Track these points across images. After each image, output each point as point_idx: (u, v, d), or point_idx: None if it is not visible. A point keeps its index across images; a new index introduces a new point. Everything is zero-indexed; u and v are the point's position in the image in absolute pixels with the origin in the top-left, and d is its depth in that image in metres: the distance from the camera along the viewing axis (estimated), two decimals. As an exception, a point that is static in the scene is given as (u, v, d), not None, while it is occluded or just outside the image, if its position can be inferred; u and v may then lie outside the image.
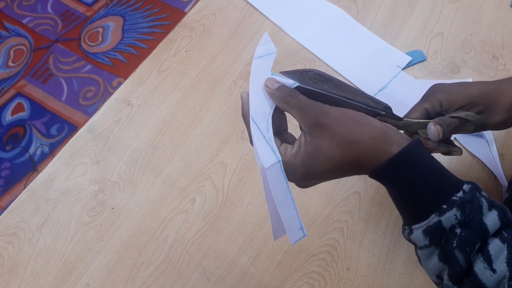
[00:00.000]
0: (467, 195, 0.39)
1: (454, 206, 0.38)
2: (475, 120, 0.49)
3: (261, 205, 0.67)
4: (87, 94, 1.71)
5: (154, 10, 1.90)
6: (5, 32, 1.87)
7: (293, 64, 0.78)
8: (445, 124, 0.50)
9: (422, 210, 0.40)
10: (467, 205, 0.38)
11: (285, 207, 0.43)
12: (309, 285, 0.61)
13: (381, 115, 0.47)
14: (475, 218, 0.38)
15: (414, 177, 0.39)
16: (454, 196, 0.39)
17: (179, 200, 0.68)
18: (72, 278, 0.63)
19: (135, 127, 0.74)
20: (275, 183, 0.42)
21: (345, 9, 0.83)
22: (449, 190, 0.39)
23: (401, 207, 0.42)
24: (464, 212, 0.38)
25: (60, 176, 0.70)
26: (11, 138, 1.64)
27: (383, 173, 0.41)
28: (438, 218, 0.38)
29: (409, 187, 0.40)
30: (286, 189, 0.42)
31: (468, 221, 0.38)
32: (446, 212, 0.38)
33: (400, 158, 0.40)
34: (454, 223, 0.38)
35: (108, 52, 1.80)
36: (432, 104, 0.51)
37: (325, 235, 0.64)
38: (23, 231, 0.66)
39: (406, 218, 0.42)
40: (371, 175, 0.42)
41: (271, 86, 0.43)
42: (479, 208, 0.38)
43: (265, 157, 0.41)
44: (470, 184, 0.40)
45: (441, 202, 0.39)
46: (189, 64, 0.79)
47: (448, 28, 0.81)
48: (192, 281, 0.62)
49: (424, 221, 0.39)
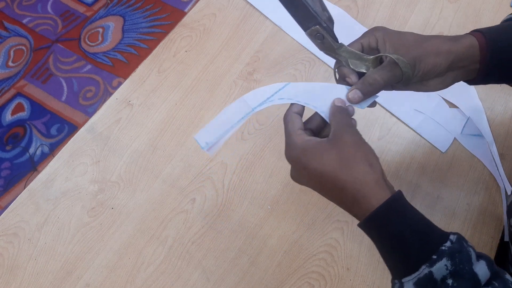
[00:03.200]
0: (455, 245, 0.38)
1: (444, 256, 0.37)
2: (402, 65, 0.47)
3: (261, 205, 0.67)
4: (87, 94, 1.71)
5: (154, 10, 1.89)
6: (5, 32, 1.87)
7: (293, 64, 0.78)
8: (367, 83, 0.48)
9: (411, 261, 0.39)
10: (456, 254, 0.38)
11: (221, 123, 0.49)
12: (309, 285, 0.61)
13: (322, 26, 0.48)
14: (466, 268, 0.37)
15: (403, 226, 0.39)
16: (443, 246, 0.38)
17: (179, 200, 0.68)
18: (72, 278, 0.63)
19: (135, 127, 0.74)
20: (235, 109, 0.48)
21: (345, 9, 0.83)
22: (437, 240, 0.39)
23: (390, 259, 0.42)
24: (455, 262, 0.37)
25: (60, 176, 0.70)
26: (11, 138, 1.64)
27: (374, 220, 0.41)
28: (429, 269, 0.37)
29: (398, 236, 0.39)
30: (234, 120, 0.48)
31: (459, 271, 0.37)
32: (437, 263, 0.37)
33: (388, 207, 0.40)
34: (445, 273, 0.37)
35: (108, 52, 1.80)
36: (369, 40, 0.51)
37: (325, 235, 0.64)
38: (23, 231, 0.66)
39: (396, 271, 0.41)
40: (362, 223, 0.42)
41: (336, 103, 0.49)
42: (469, 258, 0.38)
43: (253, 98, 0.49)
44: (456, 235, 0.39)
45: (430, 253, 0.38)
46: (189, 64, 0.79)
47: (448, 28, 0.81)
48: (192, 281, 0.62)
49: (415, 272, 0.38)
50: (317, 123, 0.49)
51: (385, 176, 0.44)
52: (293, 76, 0.77)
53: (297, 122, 0.47)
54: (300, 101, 0.49)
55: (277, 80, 0.77)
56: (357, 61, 0.50)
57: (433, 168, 0.69)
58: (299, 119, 0.48)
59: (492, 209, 0.65)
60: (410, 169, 0.69)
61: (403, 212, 0.40)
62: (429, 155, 0.70)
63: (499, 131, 0.71)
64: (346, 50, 0.50)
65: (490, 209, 0.65)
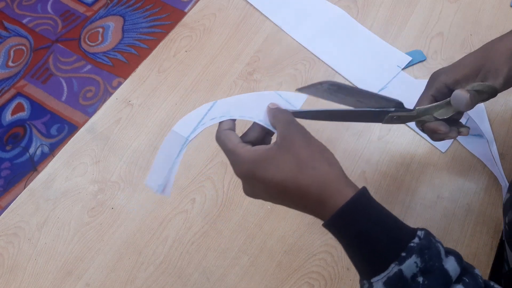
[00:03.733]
0: (423, 241, 0.37)
1: (413, 253, 0.36)
2: (483, 88, 0.48)
3: (261, 205, 0.67)
4: (87, 94, 1.71)
5: (154, 10, 1.90)
6: (5, 32, 1.87)
7: (293, 64, 0.78)
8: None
9: (380, 260, 0.37)
10: (425, 251, 0.36)
11: (162, 162, 0.47)
12: (309, 285, 0.61)
13: (392, 111, 0.48)
14: (436, 264, 0.36)
15: (370, 224, 0.38)
16: (412, 243, 0.37)
17: (179, 200, 0.68)
18: (72, 278, 0.63)
19: (135, 127, 0.74)
20: (169, 144, 0.47)
21: (345, 9, 0.83)
22: (405, 236, 0.38)
23: (357, 258, 0.40)
24: (424, 259, 0.36)
25: (60, 176, 0.70)
26: (11, 138, 1.64)
27: (341, 218, 0.39)
28: (398, 267, 0.36)
29: (365, 234, 0.38)
30: (174, 155, 0.47)
31: (429, 268, 0.36)
32: (406, 260, 0.36)
33: (354, 204, 0.39)
34: (415, 271, 0.36)
35: (108, 52, 1.80)
36: (437, 89, 0.51)
37: (325, 235, 0.64)
38: (23, 231, 0.66)
39: (364, 271, 0.40)
40: (328, 222, 0.40)
41: (271, 106, 0.47)
42: (438, 254, 0.37)
43: (184, 127, 0.47)
44: (424, 230, 0.38)
45: (399, 250, 0.37)
46: (189, 64, 0.79)
47: (448, 28, 0.81)
48: (192, 281, 0.62)
49: (384, 272, 0.37)
50: (256, 133, 0.47)
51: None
52: (293, 76, 0.77)
53: (234, 137, 0.45)
54: (234, 115, 0.47)
55: (277, 80, 0.77)
56: (441, 110, 0.51)
57: (433, 168, 0.69)
58: (234, 133, 0.46)
59: (492, 209, 0.65)
60: (410, 169, 0.69)
61: (369, 208, 0.39)
62: (429, 155, 0.70)
63: (499, 131, 0.71)
64: (425, 108, 0.50)
65: (490, 209, 0.65)
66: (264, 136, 0.47)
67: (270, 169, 0.41)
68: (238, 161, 0.43)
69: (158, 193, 0.47)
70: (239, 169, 0.43)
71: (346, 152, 0.70)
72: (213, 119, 0.47)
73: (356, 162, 0.69)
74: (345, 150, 0.70)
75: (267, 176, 0.41)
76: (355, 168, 0.69)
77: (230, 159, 0.44)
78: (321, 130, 0.72)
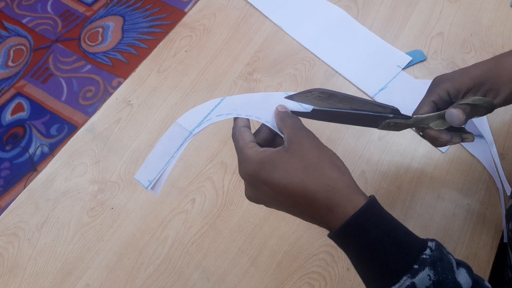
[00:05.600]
0: (435, 253, 0.36)
1: (426, 266, 0.35)
2: (483, 103, 0.48)
3: (261, 205, 0.67)
4: (87, 94, 1.71)
5: (154, 10, 1.89)
6: (5, 32, 1.87)
7: (293, 64, 0.78)
8: (463, 107, 0.48)
9: (391, 272, 0.36)
10: (438, 263, 0.35)
11: (160, 155, 0.46)
12: (309, 285, 0.61)
13: (390, 118, 0.47)
14: (449, 277, 0.35)
15: (381, 234, 0.37)
16: (424, 255, 0.36)
17: (179, 200, 0.68)
18: (72, 278, 0.63)
19: (135, 127, 0.74)
20: (171, 136, 0.45)
21: (345, 9, 0.83)
22: (416, 247, 0.36)
23: (367, 270, 0.39)
24: (437, 271, 0.35)
25: (60, 176, 0.70)
26: (11, 138, 1.64)
27: (351, 228, 0.38)
28: (411, 280, 0.35)
29: (376, 245, 0.37)
30: (173, 149, 0.45)
31: (442, 281, 0.35)
32: (419, 273, 0.35)
33: (365, 213, 0.37)
34: (428, 284, 0.35)
35: (108, 52, 1.80)
36: (439, 95, 0.50)
37: (325, 235, 0.64)
38: (23, 231, 0.66)
39: (374, 283, 0.38)
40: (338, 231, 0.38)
41: (280, 109, 0.46)
42: (450, 266, 0.36)
43: (189, 121, 0.46)
44: (434, 241, 0.37)
45: (411, 262, 0.36)
46: (189, 64, 0.79)
47: (448, 28, 0.81)
48: (192, 281, 0.62)
49: (395, 284, 0.36)
50: (264, 135, 0.46)
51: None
52: (293, 76, 0.77)
53: (248, 135, 0.44)
54: (241, 114, 0.46)
55: (277, 80, 0.77)
56: (437, 121, 0.50)
57: (433, 168, 0.69)
58: (249, 132, 0.45)
59: (492, 209, 0.65)
60: (410, 169, 0.69)
61: (380, 218, 0.38)
62: (429, 155, 0.70)
63: (499, 132, 0.71)
64: (423, 117, 0.50)
65: (490, 209, 0.65)
66: (274, 138, 0.46)
67: (276, 172, 0.40)
68: (244, 161, 0.42)
69: (147, 189, 0.46)
70: (244, 169, 0.42)
71: (346, 152, 0.70)
72: (219, 115, 0.46)
73: (356, 162, 0.69)
74: (345, 150, 0.70)
75: (273, 178, 0.40)
76: (355, 168, 0.69)
77: (239, 158, 0.43)
78: (321, 130, 0.72)
